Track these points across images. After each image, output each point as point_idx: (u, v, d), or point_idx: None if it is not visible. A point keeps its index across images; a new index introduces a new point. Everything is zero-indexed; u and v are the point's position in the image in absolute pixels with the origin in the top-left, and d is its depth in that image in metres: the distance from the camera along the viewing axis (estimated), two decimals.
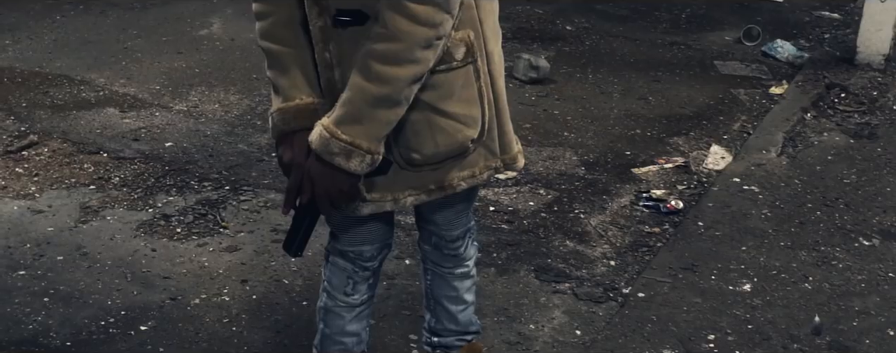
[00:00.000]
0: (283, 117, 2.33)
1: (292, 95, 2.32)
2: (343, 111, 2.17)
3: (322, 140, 2.19)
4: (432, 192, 2.42)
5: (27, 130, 4.75)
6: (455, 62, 2.26)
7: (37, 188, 4.21)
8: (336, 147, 2.18)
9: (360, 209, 2.38)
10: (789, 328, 3.34)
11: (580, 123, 5.03)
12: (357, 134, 2.17)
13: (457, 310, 2.80)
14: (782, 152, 4.64)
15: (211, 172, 4.40)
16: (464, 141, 2.34)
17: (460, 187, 2.44)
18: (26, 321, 3.32)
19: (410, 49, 2.11)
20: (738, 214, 4.08)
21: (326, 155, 2.19)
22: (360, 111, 2.16)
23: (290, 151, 2.32)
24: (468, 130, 2.34)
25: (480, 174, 2.46)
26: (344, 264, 2.64)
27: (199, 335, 3.28)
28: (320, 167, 2.22)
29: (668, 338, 3.28)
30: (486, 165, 2.46)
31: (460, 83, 2.29)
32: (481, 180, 2.48)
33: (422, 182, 2.39)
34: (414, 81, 2.16)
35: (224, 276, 3.61)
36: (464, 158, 2.39)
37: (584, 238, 3.91)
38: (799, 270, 3.68)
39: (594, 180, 4.40)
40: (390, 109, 2.18)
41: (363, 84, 2.14)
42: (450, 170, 2.39)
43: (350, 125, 2.17)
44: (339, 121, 2.18)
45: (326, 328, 2.72)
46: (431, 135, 2.30)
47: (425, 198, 2.42)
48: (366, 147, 2.19)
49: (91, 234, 3.87)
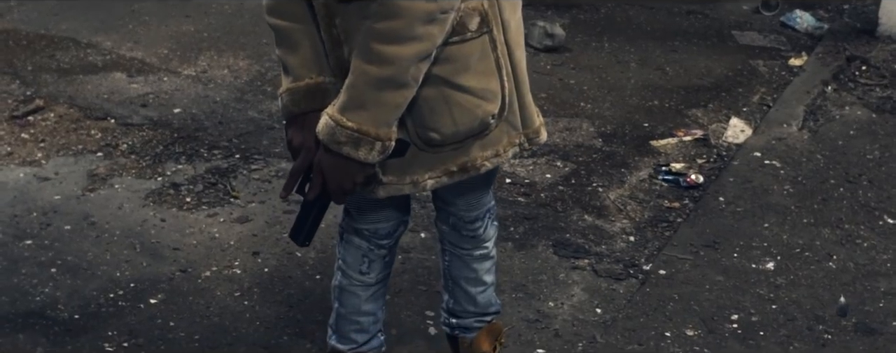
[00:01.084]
0: (292, 98, 2.21)
1: (302, 74, 2.20)
2: (347, 97, 2.05)
3: (328, 129, 2.07)
4: (454, 174, 2.29)
5: (33, 95, 4.66)
6: (469, 33, 2.13)
7: (43, 155, 4.12)
8: (342, 136, 2.05)
9: (376, 192, 2.26)
10: (814, 309, 3.26)
11: (597, 93, 4.93)
12: (363, 120, 2.04)
13: (476, 291, 2.70)
14: (803, 126, 4.54)
15: (221, 140, 4.31)
16: (484, 117, 2.22)
17: (484, 167, 2.30)
18: (33, 293, 3.24)
19: (411, 25, 1.97)
20: (760, 189, 3.99)
21: (334, 145, 2.07)
22: (364, 96, 2.03)
23: (300, 133, 2.21)
24: (488, 105, 2.21)
25: (505, 152, 2.33)
26: (359, 243, 2.55)
27: (210, 309, 3.20)
28: (330, 159, 2.11)
29: (691, 318, 3.20)
30: (509, 142, 2.33)
31: (476, 55, 2.16)
32: (506, 159, 2.35)
33: (442, 164, 2.26)
34: (419, 59, 2.02)
35: (235, 248, 3.53)
36: (486, 136, 2.27)
37: (602, 213, 3.83)
38: (823, 248, 3.60)
39: (612, 153, 4.31)
40: (397, 92, 2.04)
41: (365, 66, 2.01)
42: (471, 149, 2.26)
43: (355, 111, 2.04)
44: (343, 107, 2.05)
45: (341, 307, 2.64)
46: (448, 112, 2.17)
47: (446, 181, 2.29)
48: (374, 134, 2.06)
49: (99, 203, 3.79)
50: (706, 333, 3.13)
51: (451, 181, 2.30)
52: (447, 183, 2.30)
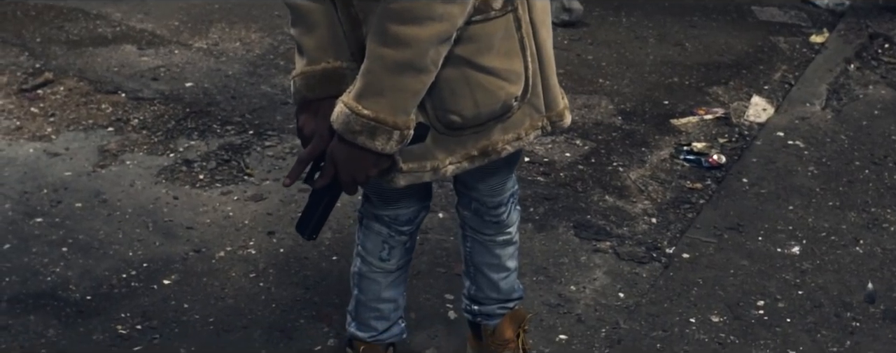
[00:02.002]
0: (307, 82, 2.08)
1: (318, 58, 2.08)
2: (363, 83, 1.92)
3: (343, 118, 1.93)
4: (475, 158, 2.19)
5: (42, 67, 4.58)
6: (493, 12, 2.02)
7: (53, 129, 4.05)
8: (358, 124, 1.92)
9: (396, 181, 2.15)
10: (841, 295, 3.18)
11: (615, 69, 4.84)
12: (380, 108, 1.91)
13: (498, 278, 2.62)
14: (826, 105, 4.46)
15: (234, 115, 4.23)
16: (507, 99, 2.11)
17: (505, 151, 2.20)
18: (44, 273, 3.18)
19: (429, 5, 1.85)
20: (784, 170, 3.91)
21: (348, 134, 1.94)
22: (380, 81, 1.90)
23: (313, 120, 2.09)
24: (511, 87, 2.11)
25: (526, 136, 2.23)
26: (379, 229, 2.47)
27: (225, 291, 3.13)
28: (344, 149, 1.98)
29: (716, 303, 3.13)
30: (531, 125, 2.22)
31: (500, 35, 2.05)
32: (527, 142, 2.25)
33: (463, 148, 2.16)
34: (440, 41, 1.90)
35: (250, 227, 3.46)
36: (507, 119, 2.16)
37: (623, 193, 3.75)
38: (849, 232, 3.52)
39: (632, 131, 4.23)
40: (415, 77, 1.93)
41: (381, 50, 1.89)
42: (492, 133, 2.16)
43: (372, 98, 1.91)
44: (359, 94, 1.92)
45: (361, 294, 2.57)
46: (470, 94, 2.06)
47: (467, 166, 2.19)
48: (391, 122, 1.93)
49: (110, 179, 3.71)
50: (732, 319, 3.06)
51: (472, 166, 2.20)
52: (468, 168, 2.20)
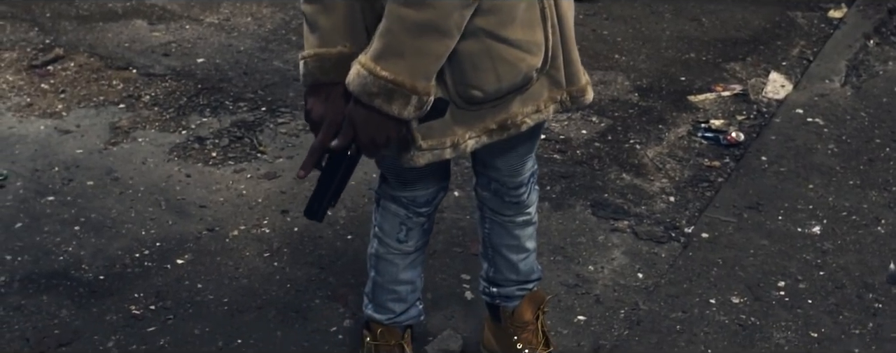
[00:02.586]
0: (320, 65, 1.98)
1: (334, 40, 1.97)
2: (382, 44, 1.84)
3: (360, 79, 1.86)
4: (494, 132, 2.12)
5: (52, 43, 4.54)
6: None
7: (64, 106, 4.01)
8: (375, 86, 1.85)
9: (416, 160, 2.09)
10: (863, 276, 3.14)
11: (631, 45, 4.78)
12: (399, 70, 1.84)
13: (518, 259, 2.58)
14: (846, 82, 4.39)
15: (246, 92, 4.18)
16: (528, 71, 2.05)
17: (525, 125, 2.14)
18: (57, 252, 3.15)
19: None
20: (803, 148, 3.85)
21: (365, 97, 1.87)
22: (401, 43, 1.83)
23: (323, 105, 2.00)
24: (532, 59, 2.04)
25: (545, 109, 2.16)
26: (396, 210, 2.43)
27: (239, 271, 3.10)
28: (363, 112, 1.91)
29: (736, 284, 3.09)
30: (550, 97, 2.16)
31: (523, 6, 1.99)
32: (547, 116, 2.18)
33: (482, 122, 2.09)
34: (463, 4, 1.84)
35: (263, 205, 3.42)
36: (526, 91, 2.10)
37: (640, 171, 3.70)
38: (870, 211, 3.47)
39: (649, 108, 4.18)
40: (438, 41, 1.86)
41: (401, 10, 1.81)
42: (511, 106, 2.10)
43: (391, 60, 1.84)
44: (377, 55, 1.85)
45: (378, 275, 2.53)
46: (493, 67, 2.00)
47: (486, 140, 2.13)
48: (409, 85, 1.86)
49: (122, 157, 3.68)
50: (752, 300, 3.01)
51: (491, 141, 2.13)
52: (487, 143, 2.13)
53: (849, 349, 2.83)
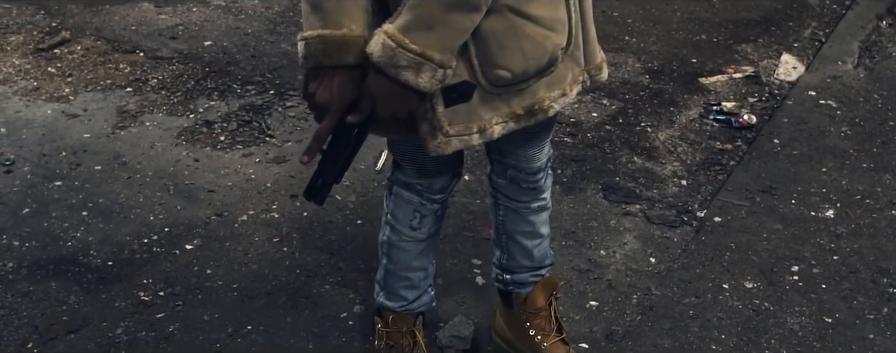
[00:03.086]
0: (325, 48, 1.87)
1: (340, 22, 1.87)
2: (412, 16, 1.81)
3: (386, 50, 1.82)
4: (520, 118, 2.08)
5: (59, 26, 4.50)
6: None
7: (71, 90, 3.98)
8: (404, 59, 1.82)
9: (444, 148, 2.04)
10: (878, 261, 3.11)
11: (641, 26, 4.74)
12: (429, 43, 1.81)
13: (532, 245, 2.55)
14: (859, 64, 4.35)
15: (254, 75, 4.15)
16: (553, 51, 2.01)
17: (552, 109, 2.10)
18: (65, 238, 3.12)
19: None
20: (816, 131, 3.82)
21: (392, 69, 1.83)
22: (431, 15, 1.80)
23: (328, 91, 1.90)
24: (556, 37, 2.01)
25: (571, 92, 2.13)
26: (410, 197, 2.39)
27: (249, 256, 3.08)
28: (386, 84, 1.86)
29: (749, 268, 3.06)
30: (574, 80, 2.13)
31: None
32: (572, 99, 2.15)
33: (508, 107, 2.05)
34: None
35: (272, 190, 3.39)
36: (551, 73, 2.06)
37: (652, 154, 3.67)
38: (884, 195, 3.44)
39: (660, 90, 4.14)
40: (466, 15, 1.83)
41: None
42: (537, 90, 2.06)
43: (420, 32, 1.81)
44: (406, 27, 1.81)
45: (390, 263, 2.50)
46: (519, 46, 1.96)
47: (513, 126, 2.09)
48: (438, 59, 1.83)
49: (130, 141, 3.65)
50: (766, 285, 2.99)
51: (519, 127, 2.10)
52: (514, 129, 2.10)
53: (863, 334, 2.80)
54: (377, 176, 3.43)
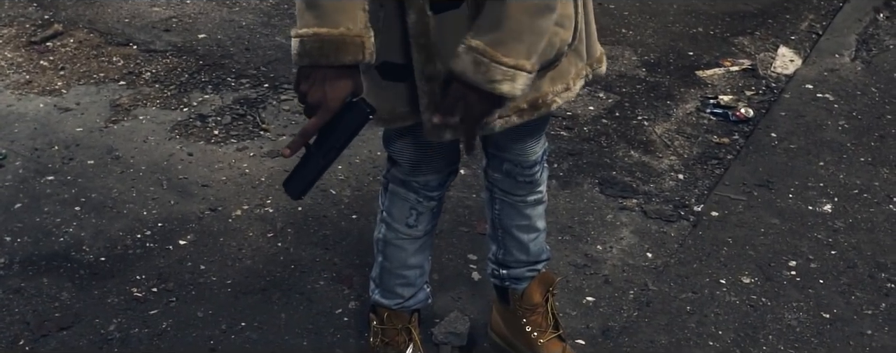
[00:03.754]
0: (321, 46, 1.82)
1: (338, 21, 1.82)
2: (500, 29, 1.82)
3: (480, 68, 1.83)
4: (524, 112, 2.08)
5: (51, 19, 4.47)
6: None
7: (63, 83, 3.95)
8: (498, 74, 1.83)
9: (444, 134, 2.04)
10: (875, 255, 3.09)
11: (638, 18, 4.72)
12: (519, 54, 1.83)
13: (528, 239, 2.53)
14: (856, 57, 4.33)
15: (248, 68, 4.12)
16: (561, 46, 2.01)
17: (555, 104, 2.10)
18: (57, 233, 3.10)
19: None
20: (813, 124, 3.80)
21: (487, 84, 1.84)
22: (521, 27, 1.82)
23: (321, 90, 1.85)
24: (564, 33, 2.01)
25: (574, 86, 2.13)
26: (406, 194, 2.37)
27: (243, 252, 3.05)
28: (478, 97, 1.88)
29: (747, 263, 3.04)
30: (577, 74, 2.13)
31: None
32: (575, 94, 2.15)
33: (513, 102, 2.04)
34: None
35: (266, 185, 3.37)
36: (555, 68, 2.06)
37: (649, 148, 3.65)
38: (882, 189, 3.42)
39: (656, 83, 4.12)
40: (549, 17, 1.85)
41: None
42: (542, 84, 2.06)
43: (511, 45, 1.83)
44: (498, 42, 1.82)
45: (386, 261, 2.48)
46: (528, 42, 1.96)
47: (516, 120, 2.09)
48: (530, 68, 1.86)
49: (123, 135, 3.62)
50: (763, 280, 2.97)
51: (521, 121, 2.10)
52: (517, 123, 2.10)
53: (861, 329, 2.79)
54: (372, 170, 3.41)
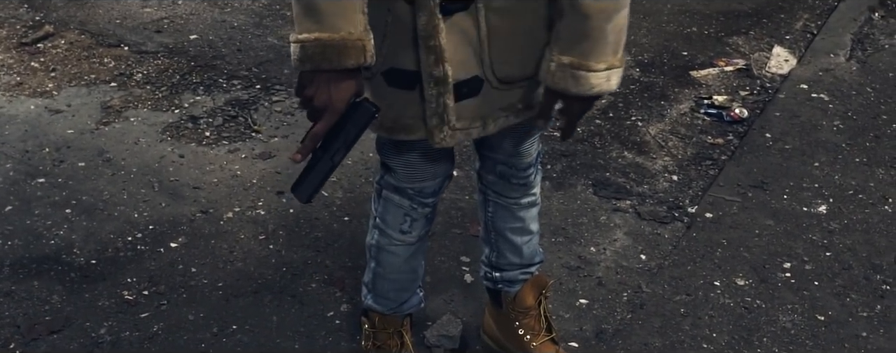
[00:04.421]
0: (323, 51, 1.79)
1: (338, 25, 1.79)
2: (588, 41, 1.88)
3: (579, 81, 1.91)
4: (520, 112, 2.10)
5: (42, 20, 4.45)
6: None
7: (54, 85, 3.93)
8: (596, 80, 1.91)
9: (447, 141, 2.05)
10: (870, 257, 3.08)
11: (632, 18, 4.66)
12: (609, 55, 1.91)
13: (522, 242, 2.51)
14: (851, 56, 4.32)
15: (240, 69, 4.10)
16: None
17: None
18: (48, 236, 3.08)
19: None
20: (808, 125, 3.78)
21: (588, 91, 1.93)
22: (606, 35, 1.88)
23: (327, 93, 1.84)
24: None
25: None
26: (400, 201, 2.34)
27: (234, 254, 3.03)
28: (584, 102, 1.98)
29: (741, 265, 3.02)
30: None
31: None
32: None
33: (509, 102, 2.07)
34: None
35: (258, 186, 3.35)
36: None
37: (643, 149, 3.63)
38: (877, 190, 3.41)
39: (650, 84, 4.10)
40: (624, 14, 1.91)
41: (600, 4, 1.85)
42: (538, 85, 2.07)
43: (600, 51, 1.89)
44: (587, 54, 1.89)
45: (379, 266, 2.45)
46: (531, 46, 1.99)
47: (513, 120, 2.11)
48: (620, 63, 1.94)
49: (114, 137, 3.60)
50: (758, 282, 2.95)
51: (518, 120, 2.12)
52: (514, 122, 2.12)
53: (856, 332, 2.77)
54: (364, 172, 3.39)
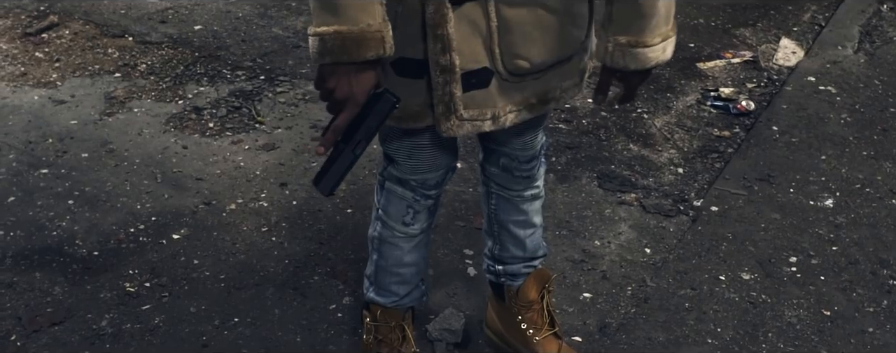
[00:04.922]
0: (343, 44, 1.77)
1: (357, 18, 1.77)
2: (642, 19, 1.91)
3: (638, 58, 1.96)
4: (534, 107, 2.08)
5: (47, 10, 4.44)
6: None
7: (58, 75, 3.92)
8: (652, 53, 1.95)
9: (455, 130, 2.03)
10: (878, 251, 3.06)
11: None
12: (661, 27, 1.94)
13: (524, 234, 2.49)
14: (859, 49, 4.29)
15: (244, 60, 4.09)
16: (573, 43, 2.02)
17: (563, 99, 2.12)
18: (50, 227, 3.07)
19: None
20: (815, 117, 3.76)
21: (646, 65, 1.97)
22: (655, 8, 1.90)
23: (347, 85, 1.82)
24: (578, 31, 2.01)
25: (581, 82, 2.15)
26: (403, 193, 2.33)
27: (237, 246, 3.02)
28: (642, 74, 2.03)
29: (747, 259, 3.00)
30: (584, 68, 2.14)
31: None
32: (581, 89, 2.16)
33: (523, 96, 2.05)
34: None
35: (261, 178, 3.34)
36: (566, 64, 2.06)
37: (648, 141, 3.61)
38: (884, 184, 3.39)
39: (656, 75, 4.08)
40: None
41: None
42: (551, 79, 2.06)
43: (653, 26, 1.92)
44: (641, 31, 1.93)
45: (381, 259, 2.44)
46: (542, 38, 1.95)
47: (526, 115, 2.09)
48: (672, 33, 1.98)
49: (117, 128, 3.59)
50: (763, 277, 2.93)
51: (531, 115, 2.10)
52: (527, 118, 2.10)
53: (862, 327, 2.75)
54: (367, 165, 3.37)
